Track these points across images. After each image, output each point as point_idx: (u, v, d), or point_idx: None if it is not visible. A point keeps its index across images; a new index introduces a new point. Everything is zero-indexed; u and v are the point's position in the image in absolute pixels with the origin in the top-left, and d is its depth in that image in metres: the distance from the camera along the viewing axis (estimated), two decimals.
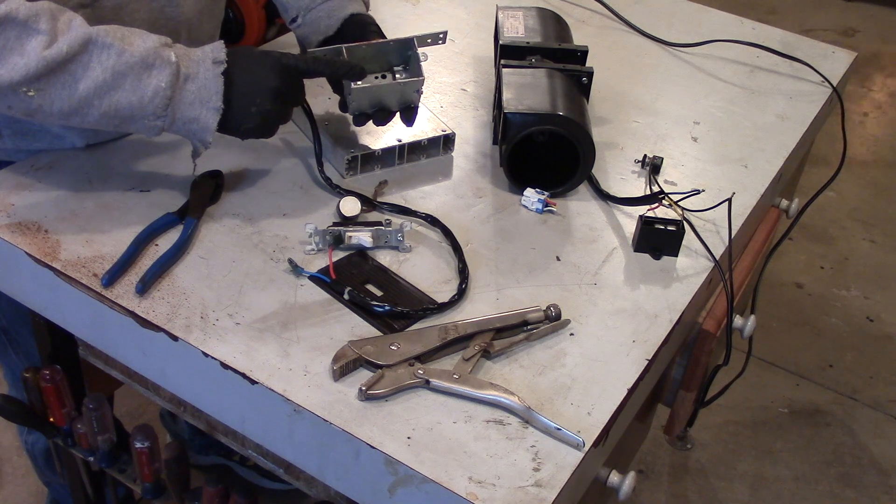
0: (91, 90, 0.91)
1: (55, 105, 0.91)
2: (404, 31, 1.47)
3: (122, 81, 0.91)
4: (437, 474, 0.77)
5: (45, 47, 0.88)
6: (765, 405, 2.20)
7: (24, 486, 1.87)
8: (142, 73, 0.92)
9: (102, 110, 0.92)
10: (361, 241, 1.00)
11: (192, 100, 0.94)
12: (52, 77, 0.89)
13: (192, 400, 0.97)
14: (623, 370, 0.89)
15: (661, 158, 1.18)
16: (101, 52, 0.91)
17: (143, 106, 0.93)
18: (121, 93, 0.92)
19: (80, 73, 0.90)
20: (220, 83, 0.95)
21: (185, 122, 0.95)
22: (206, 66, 0.95)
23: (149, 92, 0.92)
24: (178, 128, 0.96)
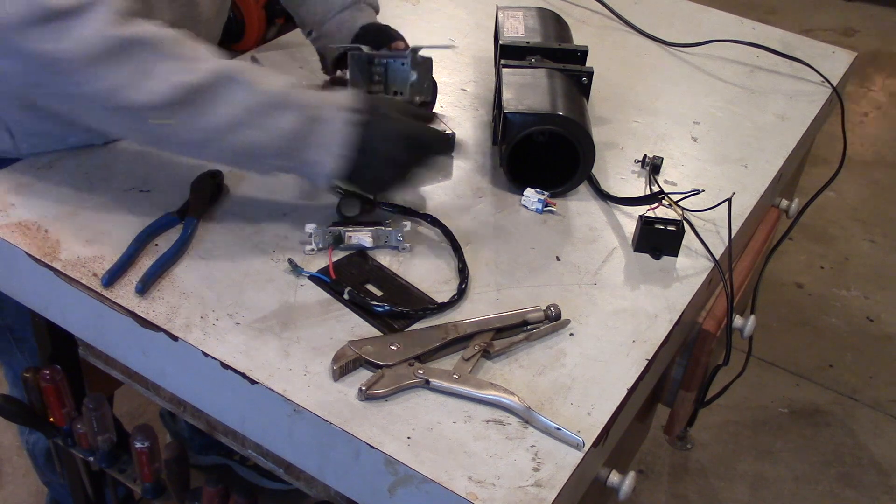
0: (220, 125, 0.89)
1: (182, 135, 0.90)
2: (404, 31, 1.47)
3: (254, 120, 0.90)
4: (437, 474, 0.77)
5: (178, 75, 0.87)
6: (765, 405, 2.20)
7: (24, 486, 1.87)
8: (275, 113, 0.91)
9: (230, 146, 0.91)
10: (361, 241, 1.00)
11: (319, 144, 0.93)
12: (183, 107, 0.88)
13: (192, 400, 0.97)
14: (623, 370, 0.89)
15: (661, 158, 1.18)
16: (234, 87, 0.89)
17: (271, 145, 0.91)
18: (250, 131, 0.90)
19: (210, 107, 0.89)
20: (348, 131, 0.93)
21: (305, 164, 0.94)
22: (334, 112, 0.94)
23: (277, 132, 0.91)
24: (299, 169, 0.95)
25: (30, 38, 0.83)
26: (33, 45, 0.84)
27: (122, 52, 0.85)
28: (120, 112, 0.88)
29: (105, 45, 0.85)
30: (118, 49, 0.85)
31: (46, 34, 0.83)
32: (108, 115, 0.89)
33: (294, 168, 0.95)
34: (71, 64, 0.85)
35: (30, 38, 0.83)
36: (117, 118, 0.90)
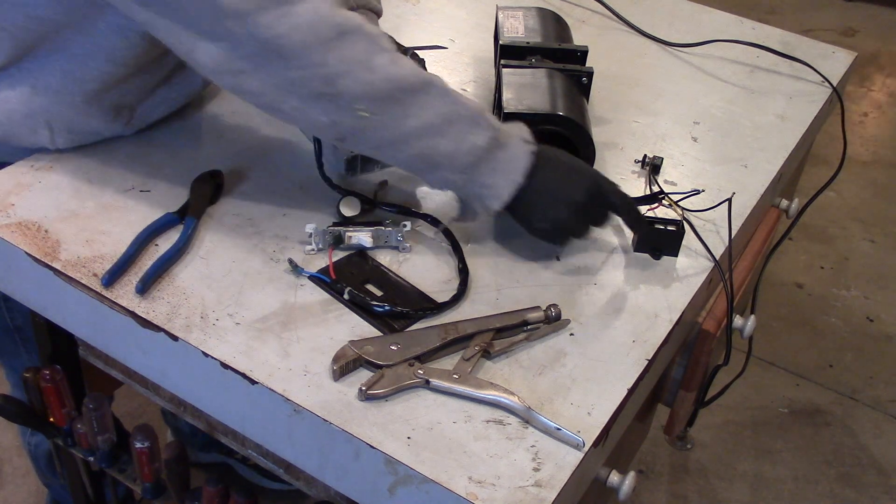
0: (417, 127, 0.91)
1: (379, 132, 0.91)
2: (404, 31, 1.47)
3: (447, 129, 0.92)
4: (437, 474, 0.77)
5: (393, 69, 0.88)
6: (765, 405, 2.20)
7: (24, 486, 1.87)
8: (467, 127, 0.92)
9: (418, 151, 0.92)
10: (361, 241, 1.00)
11: (497, 167, 0.94)
12: (389, 102, 0.89)
13: (192, 400, 0.97)
14: (623, 370, 0.89)
15: (661, 158, 1.18)
16: (438, 95, 0.91)
17: (456, 158, 0.93)
18: (442, 140, 0.92)
19: (414, 109, 0.90)
20: (528, 161, 0.95)
21: (480, 185, 0.95)
22: (516, 141, 0.95)
23: (466, 146, 0.92)
24: (471, 188, 0.96)
25: (259, 25, 0.84)
26: (261, 31, 0.84)
27: (343, 38, 0.86)
28: (325, 99, 0.89)
29: (329, 30, 0.85)
30: (341, 35, 0.86)
31: (275, 18, 0.84)
32: (311, 101, 0.89)
33: (469, 186, 0.96)
34: (295, 48, 0.85)
35: (259, 25, 0.84)
36: (320, 105, 0.89)
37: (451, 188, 0.97)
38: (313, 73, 0.87)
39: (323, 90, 0.88)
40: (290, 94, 0.89)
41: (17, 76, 1.01)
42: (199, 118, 1.19)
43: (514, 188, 0.95)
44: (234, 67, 0.88)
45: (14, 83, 1.02)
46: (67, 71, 1.01)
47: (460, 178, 0.95)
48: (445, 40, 1.46)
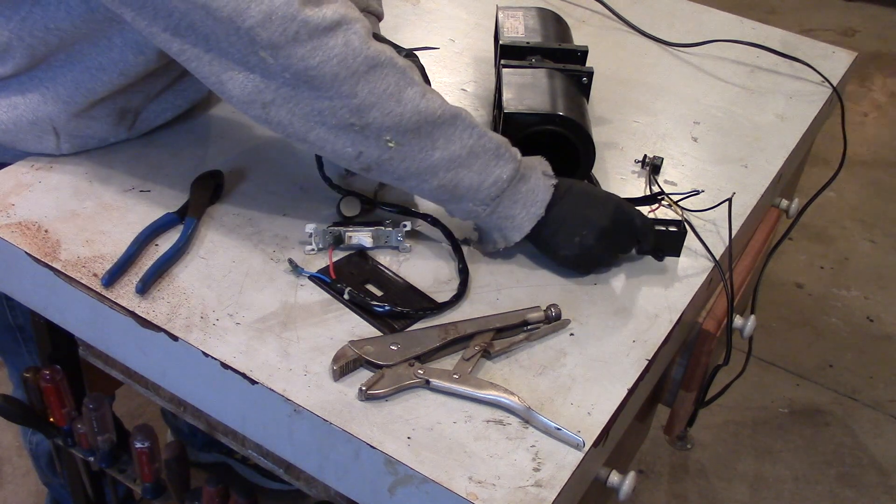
0: (444, 161, 0.92)
1: (405, 163, 0.92)
2: (404, 31, 1.47)
3: (473, 162, 0.93)
4: (437, 474, 0.77)
5: (423, 102, 0.90)
6: (765, 405, 2.20)
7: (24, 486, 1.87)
8: (492, 160, 0.94)
9: (443, 182, 0.94)
10: (361, 241, 1.00)
11: (519, 199, 0.96)
12: (416, 135, 0.91)
13: (192, 400, 0.97)
14: (623, 370, 0.89)
15: (661, 159, 1.18)
16: (465, 128, 0.93)
17: (480, 189, 0.94)
18: (467, 172, 0.93)
19: (441, 142, 0.92)
20: (549, 193, 0.96)
21: (502, 216, 0.96)
22: (537, 174, 0.97)
23: (491, 178, 0.94)
24: (493, 220, 0.97)
25: (293, 57, 0.85)
26: (295, 62, 0.85)
27: (375, 70, 0.88)
28: (354, 129, 0.90)
29: (362, 62, 0.87)
30: (372, 68, 0.87)
31: (309, 50, 0.85)
32: (338, 131, 0.90)
33: (490, 217, 0.97)
34: (327, 79, 0.86)
35: (293, 56, 0.85)
36: (348, 136, 0.90)
37: (474, 218, 0.98)
38: (343, 103, 0.88)
39: (352, 121, 0.89)
40: (318, 123, 0.90)
41: (28, 84, 1.02)
42: (199, 118, 1.19)
43: (535, 220, 0.96)
44: (264, 98, 0.88)
45: (24, 90, 1.02)
46: (79, 82, 1.01)
47: (483, 209, 0.96)
48: (445, 40, 1.46)
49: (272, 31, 0.84)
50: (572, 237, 0.96)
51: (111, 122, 1.08)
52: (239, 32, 0.85)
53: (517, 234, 0.97)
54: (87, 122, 1.06)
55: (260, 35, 0.84)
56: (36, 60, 1.00)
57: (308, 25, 0.85)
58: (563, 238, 0.97)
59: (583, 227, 0.96)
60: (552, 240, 0.97)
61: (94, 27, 0.97)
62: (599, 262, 1.00)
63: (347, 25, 0.87)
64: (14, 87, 1.02)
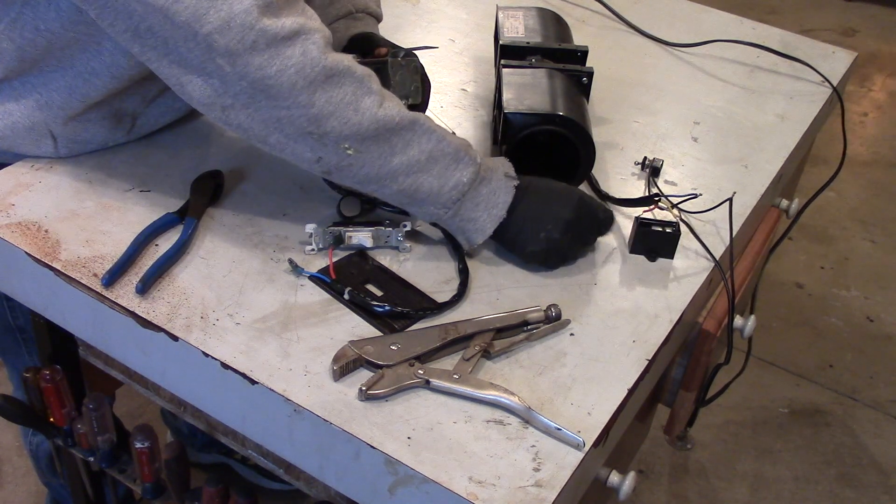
0: (403, 166, 0.93)
1: (364, 169, 0.93)
2: (404, 31, 1.47)
3: (432, 167, 0.94)
4: (437, 474, 0.77)
5: (380, 110, 0.90)
6: (765, 405, 2.20)
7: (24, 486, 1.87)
8: (451, 164, 0.94)
9: (402, 187, 0.94)
10: (361, 241, 1.00)
11: (480, 202, 0.96)
12: (375, 142, 0.91)
13: (192, 400, 0.97)
14: (623, 370, 0.89)
15: (661, 161, 1.18)
16: (423, 133, 0.93)
17: (440, 194, 0.95)
18: (427, 176, 0.94)
19: (399, 147, 0.92)
20: (510, 194, 0.97)
21: (464, 219, 0.97)
22: (498, 175, 0.97)
23: (450, 182, 0.94)
24: (455, 222, 0.98)
25: (250, 65, 0.85)
26: (252, 71, 0.85)
27: (332, 80, 0.88)
28: (312, 137, 0.90)
29: (319, 72, 0.87)
30: (329, 78, 0.88)
31: (266, 59, 0.85)
32: (297, 138, 0.90)
33: (453, 220, 0.97)
34: (284, 89, 0.86)
35: (250, 65, 0.85)
36: (306, 143, 0.91)
37: (436, 221, 0.99)
38: (300, 112, 0.88)
39: (309, 129, 0.89)
40: (276, 130, 0.90)
41: (21, 90, 1.02)
42: (199, 119, 1.19)
43: (497, 222, 0.97)
44: (223, 103, 0.89)
45: (18, 97, 1.02)
46: (73, 87, 1.01)
47: (444, 212, 0.96)
48: (445, 40, 1.46)
49: (230, 39, 0.84)
50: (538, 233, 0.97)
51: (108, 126, 1.08)
52: (196, 38, 0.85)
53: (480, 237, 0.98)
54: (83, 126, 1.06)
55: (217, 42, 0.84)
56: (26, 64, 1.00)
57: (266, 34, 0.84)
58: (529, 235, 0.97)
59: (547, 221, 0.97)
60: (518, 237, 0.98)
61: (84, 30, 0.97)
62: (566, 255, 1.01)
63: (306, 35, 0.87)
64: (7, 93, 1.02)
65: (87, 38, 0.98)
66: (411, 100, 1.10)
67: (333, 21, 1.21)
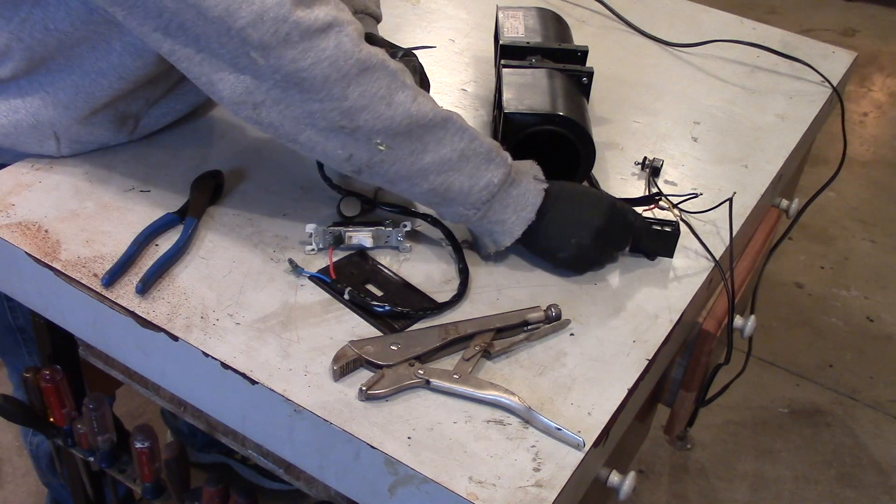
0: (434, 164, 0.92)
1: (395, 166, 0.92)
2: (404, 31, 1.47)
3: (464, 165, 0.93)
4: (437, 474, 0.77)
5: (414, 105, 0.89)
6: (765, 405, 2.20)
7: (24, 486, 1.87)
8: (483, 164, 0.94)
9: (433, 185, 0.93)
10: (361, 241, 1.00)
11: (510, 203, 0.95)
12: (408, 138, 0.90)
13: (192, 400, 0.97)
14: (623, 370, 0.89)
15: (662, 161, 1.18)
16: (456, 132, 0.92)
17: (471, 193, 0.94)
18: (458, 175, 0.93)
19: (432, 145, 0.91)
20: (539, 197, 0.96)
21: (492, 221, 0.96)
22: (528, 178, 0.97)
23: (481, 182, 0.94)
24: (484, 224, 0.97)
25: (284, 58, 0.85)
26: (286, 64, 0.85)
27: (366, 73, 0.87)
28: (344, 132, 0.89)
29: (353, 65, 0.86)
30: (363, 71, 0.87)
31: (300, 52, 0.85)
32: (329, 133, 0.90)
33: (481, 222, 0.97)
34: (317, 82, 0.86)
35: (284, 57, 0.85)
36: (339, 138, 0.90)
37: (464, 222, 0.98)
38: (333, 106, 0.87)
39: (342, 123, 0.89)
40: (308, 125, 0.89)
41: (28, 88, 1.02)
42: (200, 120, 1.19)
43: (525, 224, 0.96)
44: (255, 99, 0.88)
45: (24, 94, 1.02)
46: (80, 86, 1.01)
47: (474, 213, 0.96)
48: (445, 40, 1.46)
49: (263, 32, 0.84)
50: (568, 238, 0.96)
51: (112, 128, 1.08)
52: (230, 33, 0.84)
53: (508, 239, 0.97)
54: (88, 128, 1.06)
55: (251, 36, 0.84)
56: (34, 63, 1.00)
57: (300, 27, 0.84)
58: (559, 240, 0.97)
59: (578, 228, 0.96)
60: (548, 243, 0.97)
61: (93, 29, 0.97)
62: (596, 261, 1.00)
63: (339, 27, 0.86)
64: (14, 90, 1.02)
65: (96, 38, 0.98)
66: None
67: None
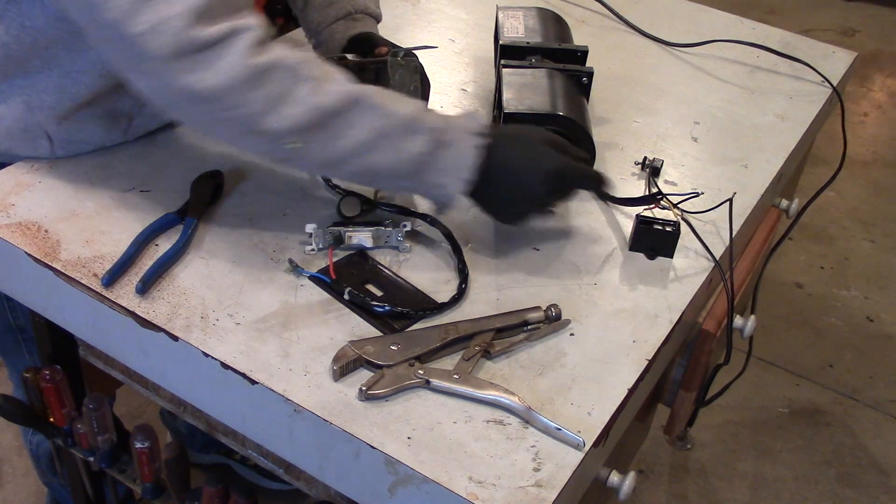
0: (351, 148, 0.91)
1: (313, 157, 0.92)
2: (404, 31, 1.47)
3: (383, 144, 0.91)
4: (437, 474, 0.77)
5: (313, 98, 0.88)
6: (765, 405, 2.20)
7: (24, 486, 1.87)
8: (402, 137, 0.92)
9: (357, 168, 0.93)
10: (361, 241, 1.00)
11: (443, 167, 0.94)
12: (316, 130, 0.89)
13: (192, 400, 0.97)
14: (623, 370, 0.89)
15: (661, 161, 1.18)
16: (365, 110, 0.91)
17: (398, 168, 0.93)
18: (378, 154, 0.92)
19: (343, 131, 0.90)
20: (475, 156, 0.94)
21: (430, 186, 0.95)
22: (464, 136, 0.95)
23: (405, 156, 0.92)
24: (424, 190, 0.97)
25: (178, 72, 0.85)
26: (180, 77, 0.85)
27: (262, 77, 0.87)
28: (253, 135, 0.90)
29: (247, 73, 0.86)
30: (259, 75, 0.86)
31: (193, 67, 0.84)
32: (248, 138, 0.91)
33: (420, 188, 0.97)
34: (214, 94, 0.86)
35: (178, 71, 0.85)
36: (256, 141, 0.91)
37: (405, 192, 0.98)
38: (235, 114, 0.87)
39: (250, 128, 0.89)
40: (220, 130, 0.91)
41: (9, 92, 1.02)
42: None
43: (463, 185, 0.95)
44: (164, 101, 0.89)
45: (6, 99, 1.03)
46: (61, 87, 1.02)
47: (410, 183, 0.95)
48: (445, 40, 1.46)
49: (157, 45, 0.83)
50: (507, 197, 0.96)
51: (104, 126, 1.08)
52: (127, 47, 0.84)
53: (452, 201, 0.96)
54: (77, 126, 1.06)
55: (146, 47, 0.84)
56: (11, 64, 1.00)
57: (193, 42, 0.84)
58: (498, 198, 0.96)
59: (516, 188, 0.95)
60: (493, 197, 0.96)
61: (68, 27, 0.97)
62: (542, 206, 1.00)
63: (235, 36, 0.85)
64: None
65: (70, 37, 0.98)
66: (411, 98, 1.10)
67: (333, 22, 1.21)
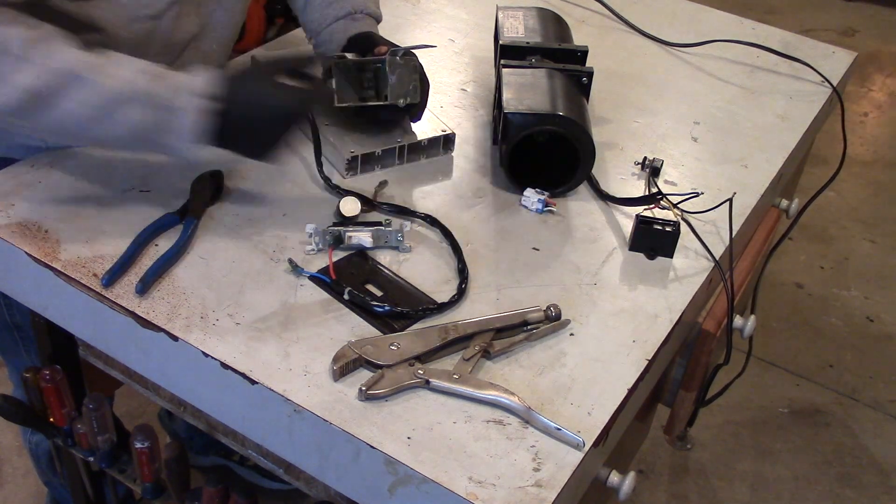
0: (72, 123, 0.91)
1: (45, 132, 0.94)
2: (404, 31, 1.47)
3: (101, 116, 0.91)
4: (437, 474, 0.77)
5: (25, 78, 0.88)
6: (765, 405, 2.20)
7: (24, 486, 1.87)
8: (119, 109, 0.91)
9: (87, 140, 0.95)
10: (361, 241, 1.00)
11: (172, 130, 0.92)
12: (32, 110, 0.90)
13: (192, 400, 0.97)
14: (623, 370, 0.89)
15: (661, 161, 1.18)
16: (79, 86, 0.90)
17: (124, 137, 0.93)
18: (100, 126, 0.92)
19: (56, 109, 0.90)
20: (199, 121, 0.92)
21: (168, 150, 0.95)
22: (189, 98, 0.92)
23: (127, 126, 0.92)
24: (164, 152, 0.96)
25: None
26: None
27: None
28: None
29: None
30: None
31: None
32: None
33: (158, 152, 0.96)
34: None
35: None
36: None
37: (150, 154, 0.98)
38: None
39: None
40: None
41: None
42: None
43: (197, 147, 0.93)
44: None
45: None
46: None
47: (145, 148, 0.95)
48: (445, 40, 1.46)
49: None
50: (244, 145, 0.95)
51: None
52: None
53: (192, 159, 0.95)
54: None
55: None
56: None
57: None
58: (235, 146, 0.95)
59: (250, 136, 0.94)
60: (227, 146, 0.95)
61: None
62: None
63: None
64: None
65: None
66: (410, 99, 1.10)
67: (333, 22, 1.21)
